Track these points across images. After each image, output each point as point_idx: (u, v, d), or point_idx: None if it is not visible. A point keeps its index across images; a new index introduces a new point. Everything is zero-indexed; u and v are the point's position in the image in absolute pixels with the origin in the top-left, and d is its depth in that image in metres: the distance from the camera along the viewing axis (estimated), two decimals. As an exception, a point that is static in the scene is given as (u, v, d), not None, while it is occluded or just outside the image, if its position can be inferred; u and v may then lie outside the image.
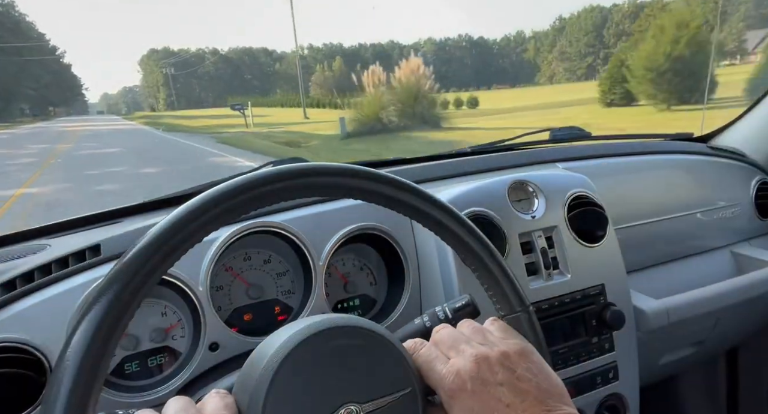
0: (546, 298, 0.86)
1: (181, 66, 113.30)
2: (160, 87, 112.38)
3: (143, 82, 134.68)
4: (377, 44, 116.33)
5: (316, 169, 0.42)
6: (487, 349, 0.44)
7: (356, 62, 75.76)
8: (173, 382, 0.72)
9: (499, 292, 0.48)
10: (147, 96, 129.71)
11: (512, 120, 16.53)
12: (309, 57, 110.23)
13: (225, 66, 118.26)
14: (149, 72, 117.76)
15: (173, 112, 63.70)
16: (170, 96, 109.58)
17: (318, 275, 0.81)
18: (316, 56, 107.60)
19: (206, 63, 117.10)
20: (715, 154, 1.33)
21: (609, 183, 1.10)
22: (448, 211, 0.46)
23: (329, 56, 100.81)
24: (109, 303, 0.35)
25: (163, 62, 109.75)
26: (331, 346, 0.41)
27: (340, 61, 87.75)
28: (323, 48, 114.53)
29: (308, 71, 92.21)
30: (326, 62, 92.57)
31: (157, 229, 0.37)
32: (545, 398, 0.41)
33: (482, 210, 0.85)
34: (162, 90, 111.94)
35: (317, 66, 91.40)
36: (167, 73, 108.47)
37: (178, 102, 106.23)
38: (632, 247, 1.04)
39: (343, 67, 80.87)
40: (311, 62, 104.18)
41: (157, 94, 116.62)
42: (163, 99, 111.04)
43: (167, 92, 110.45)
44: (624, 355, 0.93)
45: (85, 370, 0.34)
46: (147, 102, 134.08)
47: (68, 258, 0.74)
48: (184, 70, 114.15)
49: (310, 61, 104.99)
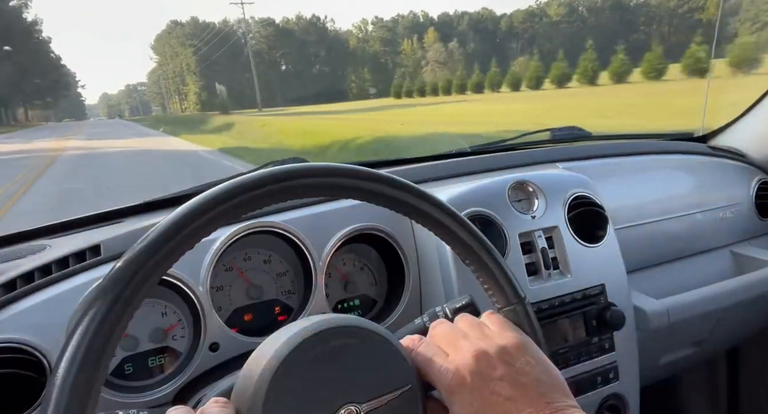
0: (546, 298, 0.86)
1: (217, 45, 76.01)
2: (189, 76, 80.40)
3: (154, 75, 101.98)
4: (473, 13, 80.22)
5: (315, 170, 0.42)
6: (486, 344, 0.44)
7: (451, 35, 61.15)
8: (173, 383, 0.72)
9: (494, 286, 0.48)
10: (164, 92, 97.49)
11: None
12: (382, 33, 78.45)
13: (282, 42, 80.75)
14: (169, 56, 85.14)
15: (227, 115, 34.78)
16: (206, 88, 76.64)
17: (318, 275, 0.81)
18: (396, 30, 77.10)
19: (254, 38, 79.93)
20: (715, 154, 1.33)
21: (609, 183, 1.10)
22: (442, 207, 0.46)
23: (411, 30, 73.75)
24: (109, 303, 0.35)
25: (191, 43, 76.88)
26: (329, 347, 0.41)
27: (434, 34, 66.57)
28: (399, 19, 79.66)
29: (393, 50, 71.45)
30: (413, 37, 69.97)
31: (157, 229, 0.37)
32: (545, 391, 0.41)
33: (482, 210, 0.85)
34: (192, 80, 79.59)
35: (405, 42, 69.95)
36: (201, 55, 74.87)
37: (218, 97, 70.54)
38: (632, 247, 1.04)
39: (438, 41, 64.93)
40: (389, 37, 76.02)
41: (182, 88, 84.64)
42: (195, 92, 79.06)
43: (201, 83, 77.18)
44: (624, 355, 0.93)
45: (85, 371, 0.34)
46: (158, 100, 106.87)
47: (68, 258, 0.74)
48: (221, 50, 75.46)
49: (387, 37, 76.68)
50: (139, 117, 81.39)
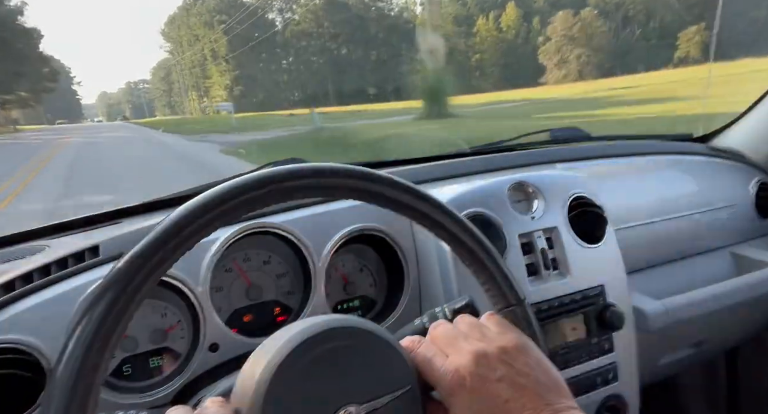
0: (546, 299, 0.86)
1: (251, 27, 54.53)
2: (213, 66, 60.20)
3: (161, 71, 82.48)
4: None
5: (315, 170, 0.42)
6: (485, 345, 0.44)
7: (530, 14, 43.69)
8: (173, 384, 0.72)
9: (494, 287, 0.48)
10: (181, 87, 76.80)
11: None
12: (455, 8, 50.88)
13: (334, 18, 53.92)
14: (186, 42, 64.86)
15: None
16: (240, 81, 56.57)
17: (318, 276, 0.81)
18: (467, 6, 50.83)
19: (301, 16, 55.57)
20: (714, 155, 1.33)
21: (609, 184, 1.10)
22: (441, 208, 0.46)
23: (484, 8, 49.32)
24: (109, 304, 0.35)
25: (219, 19, 56.01)
26: (329, 348, 0.41)
27: (515, 9, 46.75)
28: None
29: (467, 31, 48.72)
30: (489, 14, 47.49)
31: (157, 229, 0.37)
32: (544, 392, 0.41)
33: (482, 210, 0.85)
34: (218, 71, 59.77)
35: (479, 19, 48.39)
36: (235, 37, 53.76)
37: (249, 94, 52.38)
38: (632, 247, 1.04)
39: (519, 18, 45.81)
40: (463, 14, 50.75)
41: (203, 81, 63.77)
42: (225, 86, 58.81)
43: (234, 74, 56.85)
44: (624, 355, 0.93)
45: (85, 372, 0.34)
46: (164, 98, 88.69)
47: (67, 259, 0.74)
48: (257, 32, 54.30)
49: (461, 13, 51.08)
50: (148, 119, 64.27)
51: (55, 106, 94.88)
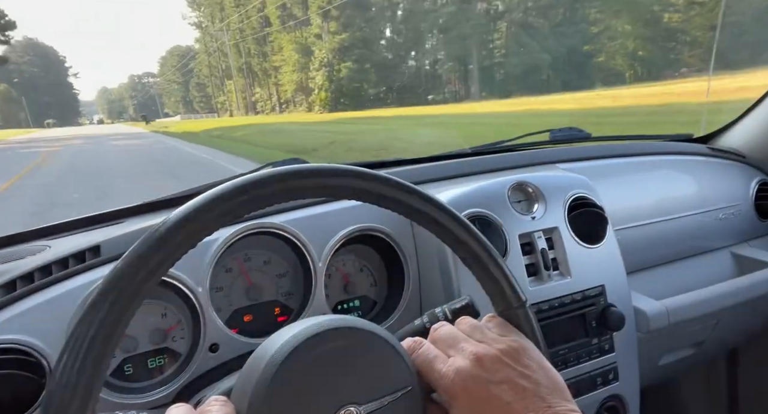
0: (546, 299, 0.86)
1: None
2: (289, 43, 38.13)
3: (173, 58, 64.61)
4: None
5: (316, 170, 0.42)
6: (486, 347, 0.44)
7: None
8: (173, 384, 0.72)
9: (495, 288, 0.48)
10: (214, 80, 56.09)
11: None
12: None
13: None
14: (228, 5, 43.06)
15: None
16: (358, 69, 33.92)
17: (318, 276, 0.81)
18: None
19: None
20: (715, 155, 1.33)
21: (609, 184, 1.10)
22: (442, 208, 0.46)
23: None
24: (109, 304, 0.35)
25: None
26: (329, 348, 0.41)
27: None
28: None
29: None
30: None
31: (157, 229, 0.37)
32: (545, 395, 0.41)
33: (482, 211, 0.85)
34: (294, 48, 37.73)
35: None
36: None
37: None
38: (632, 248, 1.04)
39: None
40: None
41: (264, 63, 41.23)
42: (323, 86, 36.86)
43: (328, 71, 35.34)
44: (624, 356, 0.93)
45: (85, 372, 0.34)
46: (177, 94, 71.84)
47: (68, 259, 0.74)
48: None
49: None
50: (183, 125, 37.62)
51: (43, 102, 70.36)
